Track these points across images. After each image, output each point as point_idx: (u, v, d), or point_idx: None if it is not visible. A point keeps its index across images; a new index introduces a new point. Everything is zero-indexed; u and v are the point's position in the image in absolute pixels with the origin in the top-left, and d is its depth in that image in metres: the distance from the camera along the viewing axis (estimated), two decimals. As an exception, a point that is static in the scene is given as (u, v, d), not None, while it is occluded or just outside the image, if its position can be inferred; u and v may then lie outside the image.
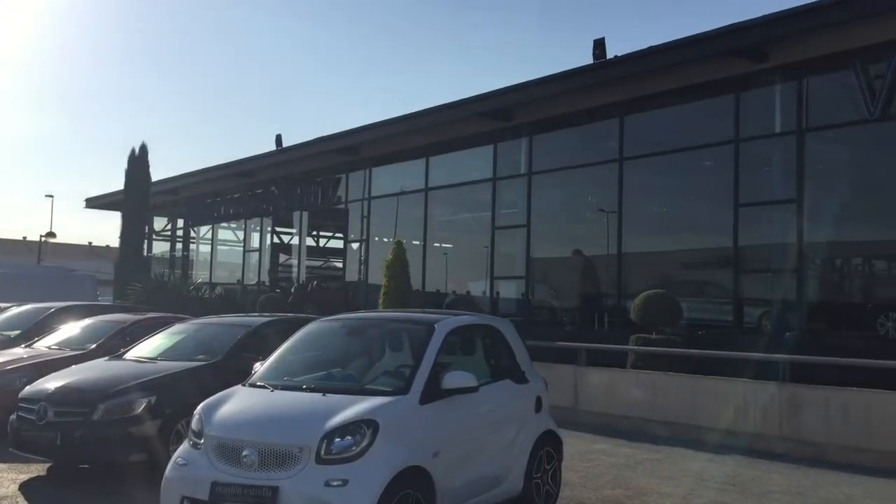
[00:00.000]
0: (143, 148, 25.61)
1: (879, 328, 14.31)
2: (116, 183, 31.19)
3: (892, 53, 12.43)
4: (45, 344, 12.04)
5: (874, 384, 10.02)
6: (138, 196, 25.40)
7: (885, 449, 9.56)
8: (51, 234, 47.94)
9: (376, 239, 23.19)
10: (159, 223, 33.37)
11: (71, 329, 12.45)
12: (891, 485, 8.79)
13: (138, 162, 25.46)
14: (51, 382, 8.97)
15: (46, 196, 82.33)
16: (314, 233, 26.81)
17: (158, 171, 55.10)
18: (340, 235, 24.92)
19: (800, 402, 10.34)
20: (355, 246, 23.85)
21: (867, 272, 18.31)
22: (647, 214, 19.24)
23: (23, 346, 12.36)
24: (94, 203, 33.80)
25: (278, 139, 24.53)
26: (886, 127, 13.44)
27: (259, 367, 7.10)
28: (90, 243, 73.27)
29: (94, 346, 11.37)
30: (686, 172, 17.63)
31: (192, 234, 31.60)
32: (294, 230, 26.73)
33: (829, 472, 9.42)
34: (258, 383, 6.72)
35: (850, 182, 17.38)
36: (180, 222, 32.22)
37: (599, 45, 15.39)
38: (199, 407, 6.37)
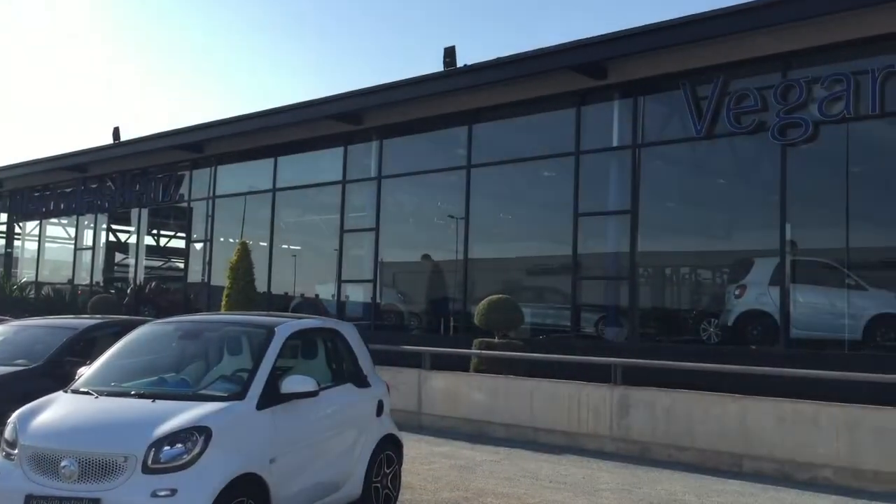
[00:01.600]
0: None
1: (703, 333, 15.32)
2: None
3: (718, 76, 13.33)
4: None
5: (697, 386, 10.69)
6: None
7: (705, 447, 10.21)
8: None
9: (221, 239, 22.49)
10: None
11: None
12: (709, 481, 9.39)
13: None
14: None
15: None
16: (154, 231, 25.67)
17: (-19, 161, 50.79)
18: (183, 235, 23.97)
19: (629, 404, 10.88)
20: (199, 246, 23.01)
21: (693, 281, 19.57)
22: (493, 221, 19.72)
23: None
24: None
25: (115, 132, 23.33)
26: (712, 145, 14.41)
27: (84, 372, 6.69)
28: None
29: None
30: (530, 181, 18.21)
31: (18, 229, 29.46)
32: (132, 228, 25.46)
33: (654, 469, 9.95)
34: (81, 389, 6.34)
35: (679, 195, 18.53)
36: (3, 216, 29.98)
37: (450, 54, 15.66)
38: (13, 415, 5.94)
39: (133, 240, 25.48)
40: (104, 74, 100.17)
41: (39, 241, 28.60)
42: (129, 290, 22.85)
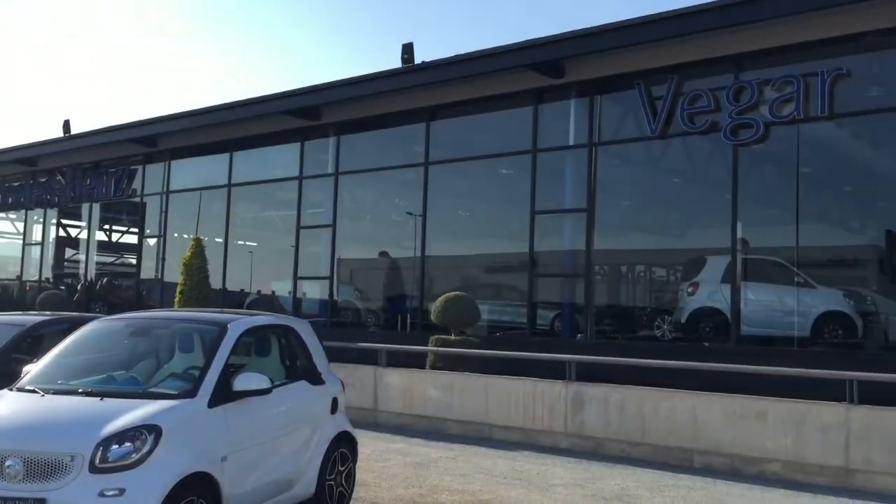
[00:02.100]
0: None
1: (657, 330, 15.54)
2: None
3: (672, 77, 13.51)
4: None
5: (652, 383, 10.82)
6: None
7: (657, 442, 10.35)
8: None
9: (175, 235, 22.17)
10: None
11: None
12: (661, 475, 9.53)
13: None
14: None
15: None
16: (106, 227, 25.19)
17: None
18: (136, 230, 23.57)
19: (583, 400, 10.99)
20: (152, 242, 22.65)
21: (648, 278, 19.84)
22: (451, 218, 19.74)
23: None
24: None
25: (66, 125, 22.85)
26: (666, 144, 14.61)
27: (30, 370, 6.55)
28: None
29: None
30: (488, 179, 18.28)
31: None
32: (83, 223, 24.97)
33: (608, 464, 10.07)
34: (27, 387, 6.21)
35: (634, 194, 18.75)
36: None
37: (408, 50, 15.62)
38: (-46, 414, 5.78)
39: (84, 235, 24.98)
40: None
41: (-14, 236, 27.93)
42: (79, 287, 22.39)
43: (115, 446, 5.31)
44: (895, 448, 8.72)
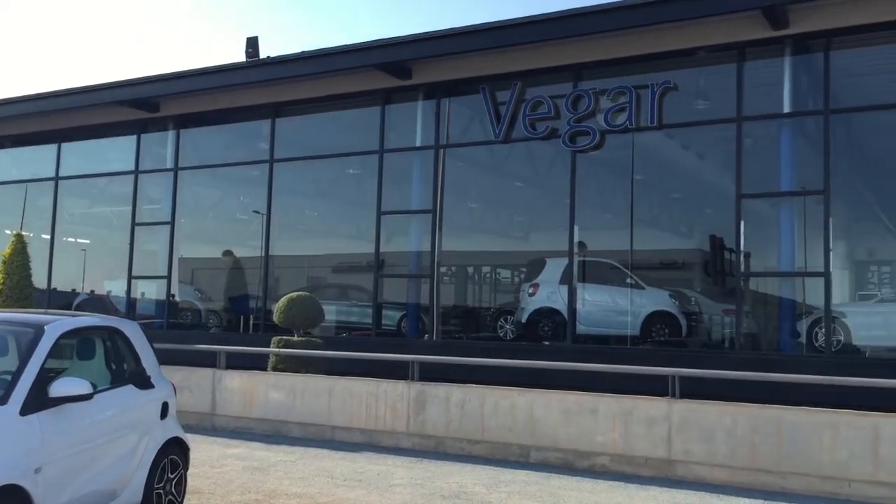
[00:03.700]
0: None
1: (500, 330, 15.94)
2: None
3: (516, 83, 13.89)
4: None
5: (495, 382, 11.04)
6: None
7: (496, 439, 10.58)
8: None
9: (-4, 231, 20.60)
10: None
11: None
12: (498, 472, 9.73)
13: None
14: None
15: None
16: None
17: None
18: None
19: (425, 399, 11.07)
20: (-31, 238, 20.94)
21: (492, 279, 20.34)
22: (297, 218, 19.45)
23: None
24: None
25: None
26: (509, 149, 15.02)
27: None
28: None
29: None
30: (335, 179, 18.15)
31: None
32: None
33: (448, 463, 10.18)
34: None
35: (480, 197, 19.15)
36: None
37: (253, 44, 15.25)
38: None
39: None
40: None
41: None
42: None
43: None
44: (711, 439, 9.32)
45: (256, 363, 13.20)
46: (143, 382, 7.20)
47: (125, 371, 7.15)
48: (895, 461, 8.39)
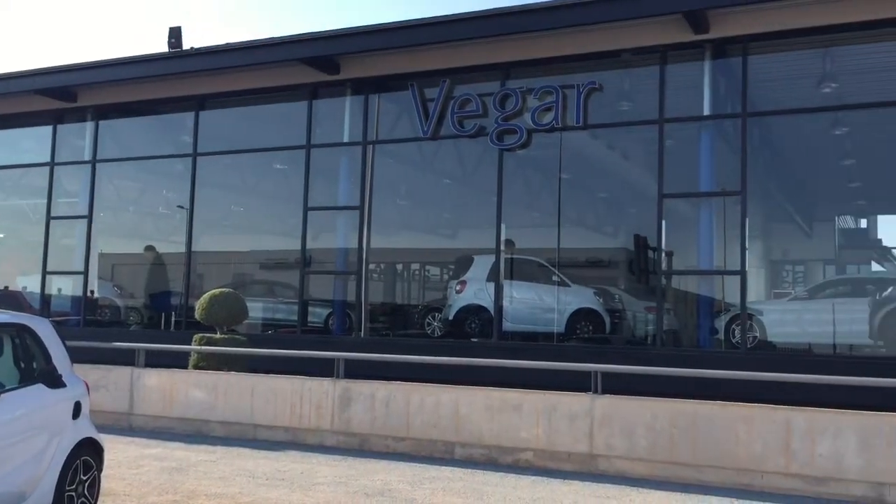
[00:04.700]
0: None
1: (427, 327, 15.94)
2: None
3: (444, 80, 13.89)
4: None
5: (423, 379, 11.00)
6: None
7: (421, 436, 10.55)
8: None
9: None
10: None
11: None
12: (423, 468, 9.71)
13: None
14: None
15: None
16: None
17: None
18: None
19: (350, 397, 10.98)
20: None
21: (421, 277, 20.33)
22: (222, 213, 19.07)
23: None
24: None
25: None
26: (438, 146, 15.02)
27: None
28: None
29: None
30: (262, 173, 17.86)
31: None
32: None
33: (373, 460, 10.12)
34: None
35: (408, 194, 19.10)
36: None
37: (176, 34, 14.87)
38: None
39: None
40: None
41: None
42: None
43: None
44: (632, 433, 9.49)
45: (178, 362, 12.89)
46: (54, 381, 6.94)
47: (35, 370, 6.88)
48: (806, 453, 8.68)
